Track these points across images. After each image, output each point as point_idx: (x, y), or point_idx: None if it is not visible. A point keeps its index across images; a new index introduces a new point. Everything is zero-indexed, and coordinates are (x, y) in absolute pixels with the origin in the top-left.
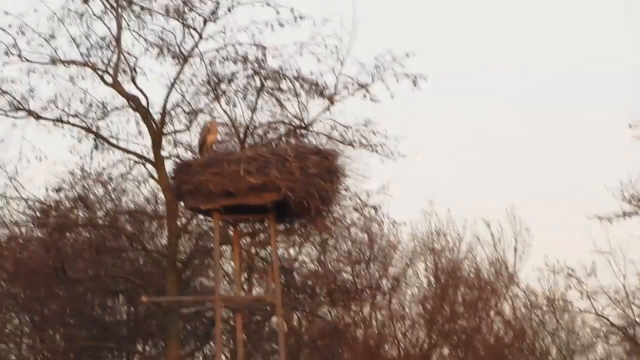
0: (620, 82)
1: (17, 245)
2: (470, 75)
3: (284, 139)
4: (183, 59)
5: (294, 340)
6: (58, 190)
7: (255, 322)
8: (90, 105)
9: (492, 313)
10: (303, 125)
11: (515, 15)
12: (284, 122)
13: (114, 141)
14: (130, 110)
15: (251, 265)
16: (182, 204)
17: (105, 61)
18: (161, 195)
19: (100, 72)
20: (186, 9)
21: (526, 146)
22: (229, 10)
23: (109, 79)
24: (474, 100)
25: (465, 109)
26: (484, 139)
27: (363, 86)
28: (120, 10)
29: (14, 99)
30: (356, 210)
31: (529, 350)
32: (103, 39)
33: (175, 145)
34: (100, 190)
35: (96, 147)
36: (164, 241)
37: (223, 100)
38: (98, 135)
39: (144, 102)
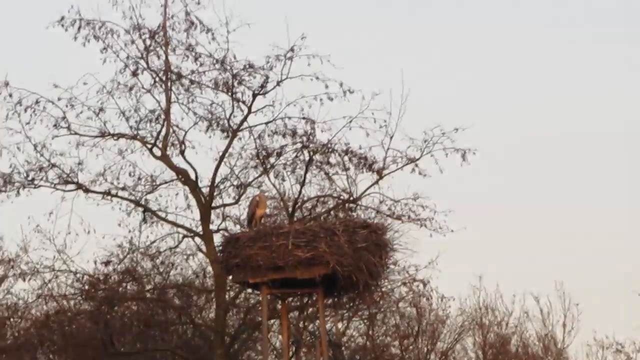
0: None
1: (66, 318)
2: (519, 148)
3: (332, 212)
4: (232, 132)
5: None
6: (106, 263)
7: None
8: (139, 178)
9: None
10: (351, 198)
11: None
12: (332, 196)
13: (162, 214)
14: (179, 183)
15: (299, 339)
16: (230, 277)
17: (154, 134)
18: (209, 269)
19: (149, 145)
20: (235, 83)
21: (573, 218)
22: (278, 83)
23: (158, 152)
24: (522, 172)
25: (514, 182)
26: (529, 213)
27: (412, 160)
28: (169, 84)
29: (63, 171)
30: (404, 284)
31: None
32: (152, 111)
33: (224, 219)
34: (148, 264)
35: (144, 220)
36: (212, 314)
37: (272, 174)
38: (146, 208)
39: (192, 175)
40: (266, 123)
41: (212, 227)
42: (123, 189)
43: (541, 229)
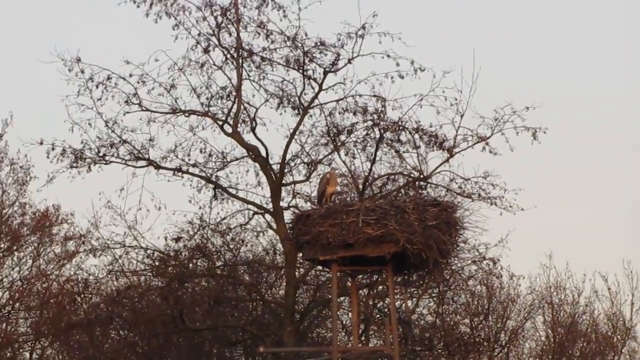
0: None
1: (136, 293)
2: (590, 129)
3: (402, 190)
4: (302, 109)
5: None
6: (177, 240)
7: None
8: (210, 155)
9: None
10: (422, 176)
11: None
12: (402, 174)
13: (232, 191)
14: (250, 160)
15: (368, 317)
16: (301, 254)
17: (225, 111)
18: (279, 246)
19: (220, 122)
20: (306, 60)
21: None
22: (349, 61)
23: (229, 129)
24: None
25: (582, 162)
26: (599, 193)
27: (482, 138)
28: (240, 61)
29: (134, 148)
30: (474, 262)
31: None
32: (223, 88)
33: (294, 196)
34: (218, 240)
35: (215, 197)
36: (282, 291)
37: (342, 151)
38: (217, 185)
39: (263, 152)
40: (337, 101)
41: (283, 204)
42: (194, 165)
43: (608, 207)
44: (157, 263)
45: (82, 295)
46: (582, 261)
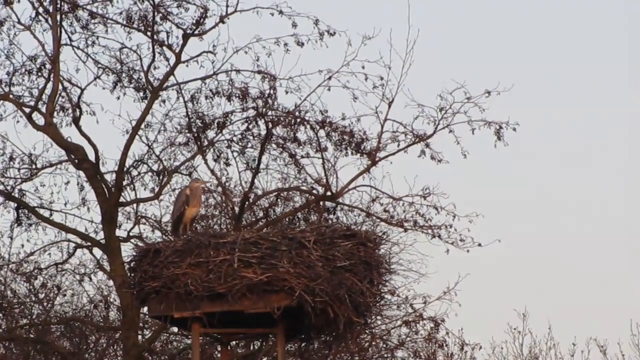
0: None
1: None
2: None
3: (299, 214)
4: (151, 91)
5: None
6: None
7: None
8: (11, 159)
9: None
10: (329, 194)
11: None
12: (300, 189)
13: (44, 213)
14: (71, 167)
15: None
16: (146, 309)
17: (35, 93)
18: (114, 296)
19: (26, 109)
20: (157, 17)
21: None
22: (221, 20)
23: (40, 120)
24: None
25: (570, 169)
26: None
27: (421, 138)
28: (59, 17)
29: None
30: (406, 324)
31: None
32: (32, 59)
33: (137, 222)
34: (22, 287)
35: (18, 222)
36: None
37: (210, 155)
38: (21, 204)
39: (91, 155)
40: (203, 79)
41: (120, 233)
42: None
43: (613, 243)
44: None
45: None
46: (571, 324)
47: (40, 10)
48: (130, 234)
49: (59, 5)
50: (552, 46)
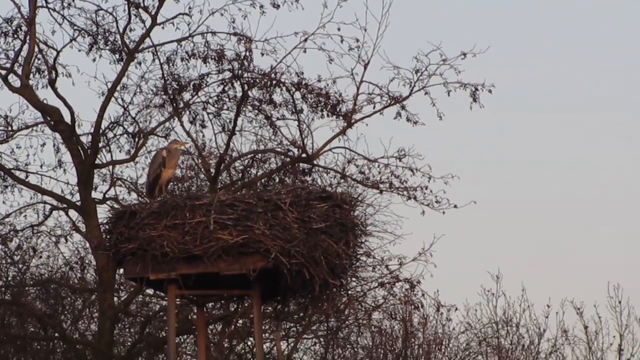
0: None
1: None
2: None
3: (275, 176)
4: (127, 53)
5: None
6: None
7: None
8: None
9: None
10: (304, 156)
11: None
12: (275, 151)
13: (20, 175)
14: (47, 129)
15: None
16: (122, 270)
17: (11, 55)
18: (90, 258)
19: (2, 71)
20: None
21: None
22: None
23: (16, 82)
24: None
25: (545, 132)
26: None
27: (396, 100)
28: None
29: None
30: (382, 285)
31: None
32: (8, 21)
33: (113, 183)
34: None
35: None
36: (94, 326)
37: (186, 117)
38: None
39: (67, 117)
40: (178, 41)
41: (95, 195)
42: None
43: (588, 204)
44: None
45: None
46: (545, 286)
47: None
48: (106, 195)
49: None
50: (528, 6)
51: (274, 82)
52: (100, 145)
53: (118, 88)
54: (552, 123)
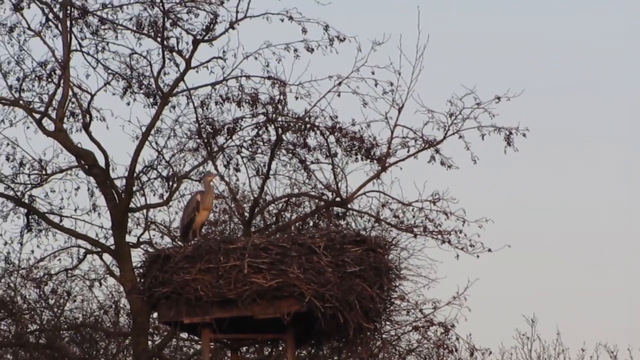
0: None
1: None
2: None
3: (309, 220)
4: (161, 97)
5: None
6: None
7: None
8: (21, 165)
9: None
10: (339, 199)
11: None
12: (309, 195)
13: (54, 219)
14: (81, 173)
15: None
16: (156, 315)
17: (45, 98)
18: (124, 301)
19: (36, 115)
20: (167, 23)
21: None
22: (232, 25)
23: (50, 125)
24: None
25: (579, 177)
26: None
27: (431, 143)
28: (69, 23)
29: None
30: (416, 329)
31: None
32: (42, 65)
33: (147, 227)
34: (32, 293)
35: (28, 228)
36: None
37: (220, 161)
38: (31, 210)
39: (101, 161)
40: (213, 84)
41: (130, 239)
42: None
43: (623, 251)
44: None
45: None
46: (580, 329)
47: (51, 16)
48: (140, 239)
49: (69, 12)
50: (561, 51)
51: (308, 125)
52: (134, 189)
53: (152, 132)
54: (587, 166)
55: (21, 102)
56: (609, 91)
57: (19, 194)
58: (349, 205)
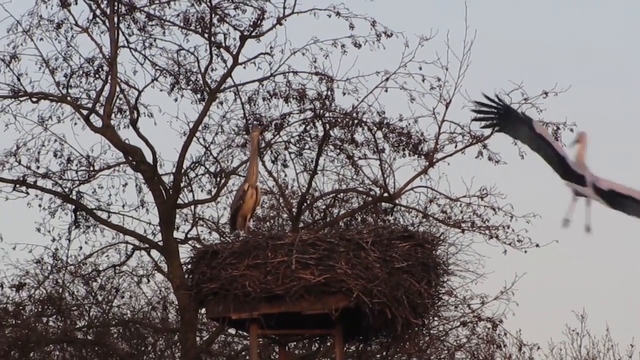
0: None
1: None
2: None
3: (357, 215)
4: (209, 93)
5: None
6: (18, 287)
7: None
8: (69, 161)
9: None
10: (386, 195)
11: None
12: (357, 191)
13: (102, 215)
14: (129, 169)
15: None
16: (204, 310)
17: (93, 95)
18: (172, 297)
19: (84, 111)
20: (215, 19)
21: None
22: (279, 21)
23: (98, 122)
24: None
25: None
26: None
27: (478, 139)
28: (116, 20)
29: None
30: (464, 324)
31: None
32: (90, 61)
33: (195, 223)
34: (80, 289)
35: (76, 224)
36: None
37: (267, 157)
38: (79, 206)
39: (148, 156)
40: (260, 80)
41: (177, 235)
42: (45, 176)
43: None
44: None
45: None
46: (630, 325)
47: (98, 12)
48: (188, 235)
49: (116, 8)
50: (609, 45)
51: (356, 121)
52: (182, 185)
53: (200, 128)
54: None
55: (69, 98)
56: None
57: (66, 190)
58: (397, 201)
